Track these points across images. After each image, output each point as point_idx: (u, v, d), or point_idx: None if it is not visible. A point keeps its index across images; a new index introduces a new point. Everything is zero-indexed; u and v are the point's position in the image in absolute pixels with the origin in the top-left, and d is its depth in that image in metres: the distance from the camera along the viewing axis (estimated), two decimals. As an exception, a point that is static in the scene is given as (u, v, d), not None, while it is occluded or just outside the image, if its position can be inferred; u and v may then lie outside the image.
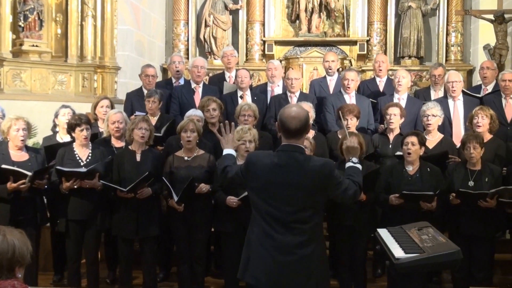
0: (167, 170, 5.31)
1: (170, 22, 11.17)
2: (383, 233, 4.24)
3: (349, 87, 6.83)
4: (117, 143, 5.81)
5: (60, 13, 9.02)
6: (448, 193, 5.15)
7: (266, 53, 10.90)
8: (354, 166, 3.82)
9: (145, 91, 7.09)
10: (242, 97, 7.03)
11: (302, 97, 6.88)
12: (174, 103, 7.06)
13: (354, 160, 3.85)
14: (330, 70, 7.58)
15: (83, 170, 5.15)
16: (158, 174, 5.28)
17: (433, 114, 5.95)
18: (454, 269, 4.98)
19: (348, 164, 3.85)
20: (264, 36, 10.97)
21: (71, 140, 5.47)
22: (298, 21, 11.01)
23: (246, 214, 3.91)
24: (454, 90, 6.68)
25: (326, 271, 3.75)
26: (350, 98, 6.82)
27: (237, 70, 7.54)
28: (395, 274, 4.03)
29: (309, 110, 5.16)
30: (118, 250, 5.48)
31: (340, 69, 8.91)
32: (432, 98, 7.03)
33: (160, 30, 11.10)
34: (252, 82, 8.21)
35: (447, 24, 10.67)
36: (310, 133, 5.79)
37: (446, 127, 6.48)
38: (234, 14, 11.11)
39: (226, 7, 10.92)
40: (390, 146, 6.02)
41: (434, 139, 5.94)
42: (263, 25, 10.99)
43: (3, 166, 5.02)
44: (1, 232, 2.72)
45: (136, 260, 5.47)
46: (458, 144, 5.92)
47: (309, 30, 10.83)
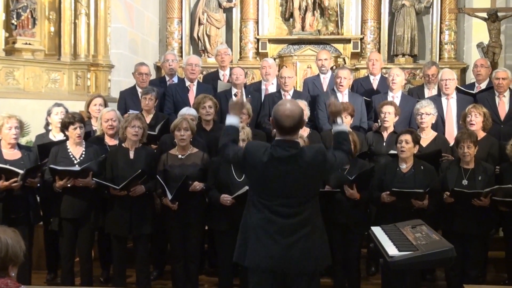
0: (161, 168, 5.29)
1: (164, 20, 11.13)
2: (377, 231, 4.26)
3: (342, 85, 6.82)
4: (110, 141, 5.80)
5: (53, 11, 8.96)
6: (442, 191, 5.16)
7: (260, 51, 10.87)
8: (341, 130, 3.90)
9: (138, 89, 7.08)
10: (236, 95, 7.01)
11: (296, 95, 6.88)
12: (168, 101, 7.03)
13: (339, 121, 3.91)
14: (323, 68, 7.58)
15: (77, 168, 5.14)
16: (151, 171, 5.27)
17: (427, 113, 5.96)
18: (447, 266, 4.99)
19: (334, 128, 3.92)
20: (258, 34, 10.94)
21: (64, 138, 5.45)
22: (292, 19, 11.00)
23: (240, 213, 3.91)
24: (448, 88, 6.69)
25: (326, 249, 3.79)
26: (343, 96, 6.82)
27: (231, 68, 7.53)
28: (389, 272, 4.03)
29: (303, 108, 5.15)
30: (111, 249, 5.47)
31: (334, 67, 8.91)
32: (426, 96, 7.02)
33: (153, 28, 11.06)
34: (246, 80, 8.20)
35: (441, 22, 10.67)
36: (304, 131, 5.81)
37: (439, 126, 6.48)
38: (228, 12, 11.07)
39: (220, 5, 10.89)
40: (384, 144, 6.03)
41: (427, 137, 5.95)
42: (257, 23, 10.96)
43: (-4, 164, 5.00)
44: (-6, 231, 2.72)
45: (129, 258, 5.45)
46: (451, 142, 5.94)
47: (303, 28, 10.82)
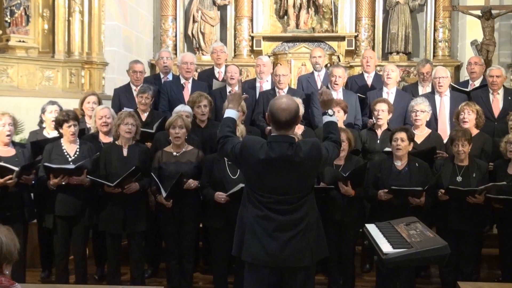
0: (156, 166, 5.29)
1: (158, 17, 11.12)
2: (371, 228, 4.26)
3: (336, 84, 6.82)
4: (105, 139, 5.79)
5: (47, 8, 8.95)
6: (436, 188, 5.17)
7: (255, 48, 10.88)
8: (331, 121, 3.93)
9: (133, 87, 7.06)
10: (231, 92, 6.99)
11: (291, 92, 6.84)
12: (163, 99, 7.00)
13: (330, 112, 3.94)
14: (317, 66, 7.57)
15: (71, 166, 5.13)
16: (145, 169, 5.27)
17: (421, 110, 5.97)
18: (442, 263, 4.97)
19: (325, 118, 3.95)
20: (252, 31, 10.94)
21: (58, 135, 5.44)
22: (286, 16, 10.99)
23: (235, 210, 3.92)
24: (441, 86, 6.70)
25: (322, 241, 3.79)
26: (337, 94, 6.83)
27: (226, 66, 7.52)
28: (383, 269, 4.03)
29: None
30: (106, 246, 5.46)
31: (328, 64, 8.91)
32: (420, 94, 7.04)
33: (148, 25, 11.05)
34: (241, 78, 8.19)
35: (435, 20, 10.69)
36: (299, 128, 5.80)
37: (432, 123, 6.49)
38: (222, 9, 11.07)
39: (214, 3, 10.89)
40: (378, 142, 6.04)
41: (422, 134, 5.96)
42: (251, 20, 10.96)
43: (-11, 162, 4.98)
44: (-12, 229, 2.71)
45: (124, 256, 5.45)
46: (444, 139, 5.96)
47: (297, 26, 10.83)
